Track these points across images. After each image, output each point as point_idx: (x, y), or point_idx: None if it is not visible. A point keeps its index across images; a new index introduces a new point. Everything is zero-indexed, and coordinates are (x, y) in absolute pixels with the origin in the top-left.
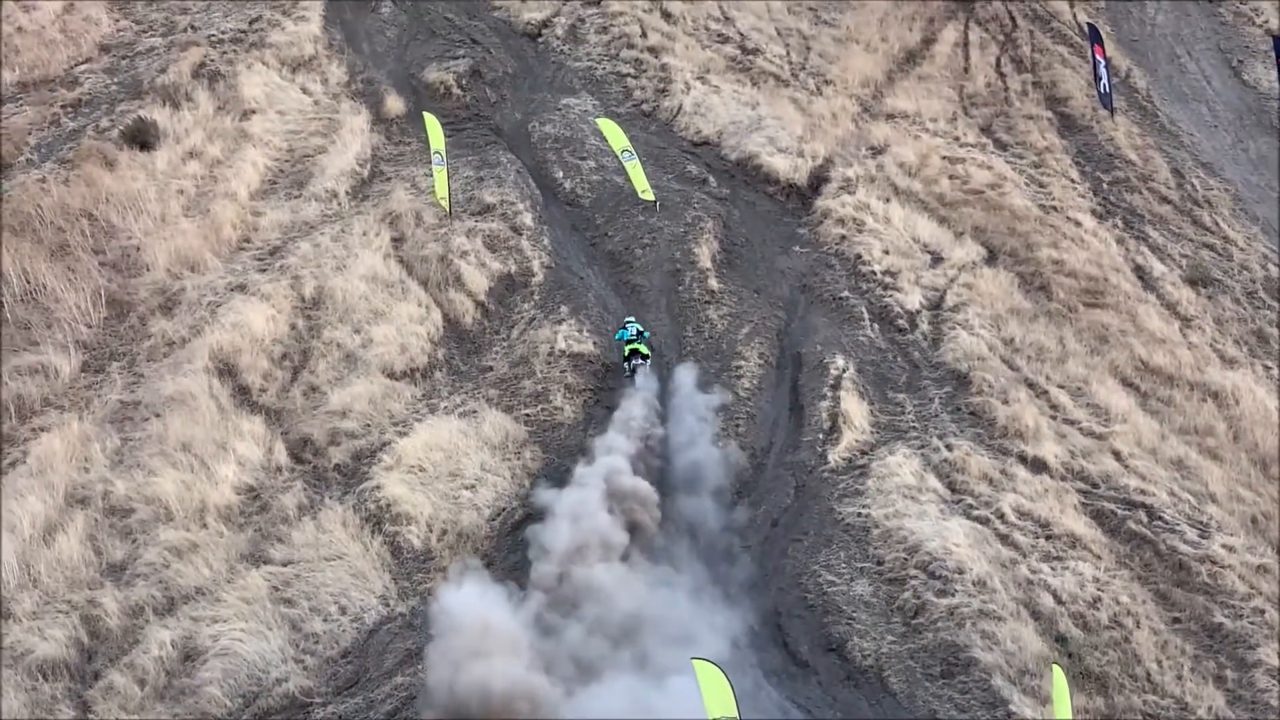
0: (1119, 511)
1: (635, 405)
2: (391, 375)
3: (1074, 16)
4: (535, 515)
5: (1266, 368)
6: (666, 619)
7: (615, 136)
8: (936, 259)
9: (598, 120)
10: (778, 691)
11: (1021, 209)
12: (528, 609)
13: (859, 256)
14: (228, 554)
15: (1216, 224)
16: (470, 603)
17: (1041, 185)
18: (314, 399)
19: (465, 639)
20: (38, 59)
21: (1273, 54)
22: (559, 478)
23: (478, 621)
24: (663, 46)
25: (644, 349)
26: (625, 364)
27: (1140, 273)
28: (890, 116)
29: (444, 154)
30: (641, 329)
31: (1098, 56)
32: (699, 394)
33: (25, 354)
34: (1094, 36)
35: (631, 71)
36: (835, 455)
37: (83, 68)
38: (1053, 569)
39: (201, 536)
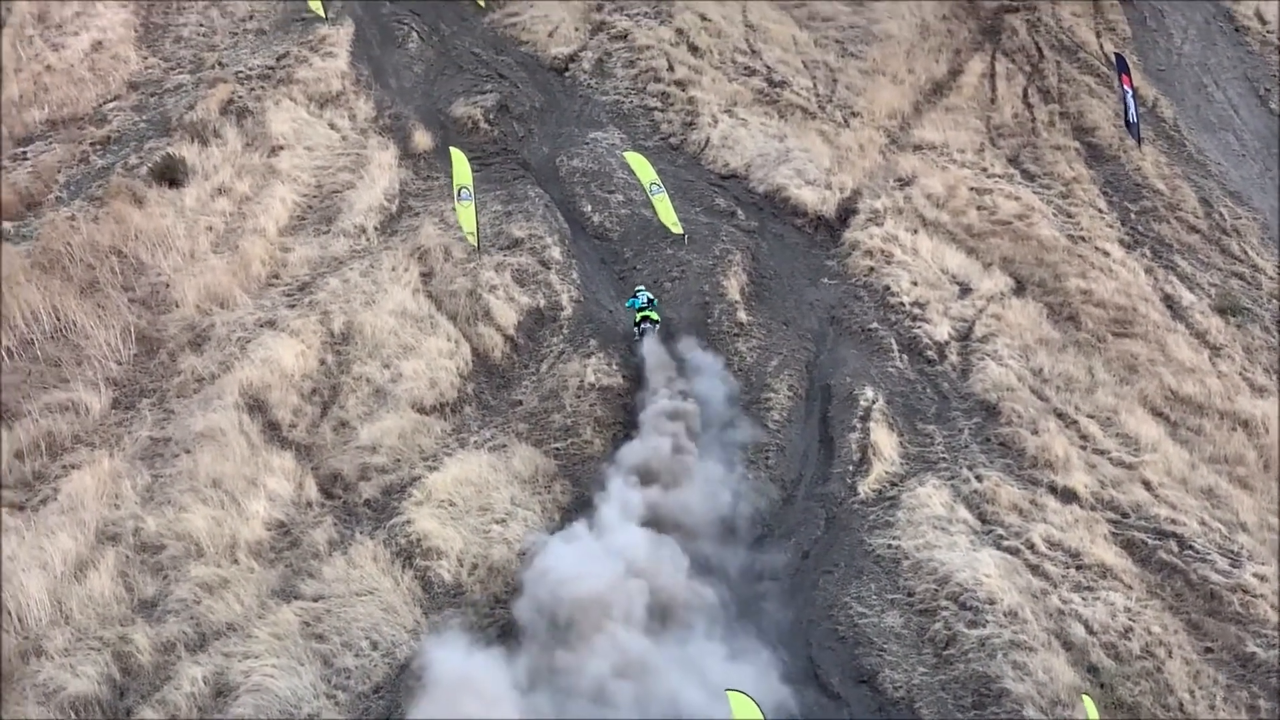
0: (1150, 541)
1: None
2: (421, 410)
3: (1100, 47)
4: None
5: None
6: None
7: (643, 170)
8: (965, 290)
9: (625, 154)
10: None
11: (1049, 239)
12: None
13: (887, 288)
14: (259, 589)
15: (1245, 252)
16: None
17: (1069, 215)
18: (344, 434)
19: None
20: (67, 97)
21: None
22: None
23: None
24: (690, 80)
25: (654, 315)
26: (636, 328)
27: (1169, 302)
28: (918, 148)
29: (471, 189)
30: (652, 297)
31: (1125, 86)
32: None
33: (56, 391)
34: (1121, 66)
35: (659, 105)
36: (865, 487)
37: (111, 105)
38: (1084, 599)
39: (232, 572)
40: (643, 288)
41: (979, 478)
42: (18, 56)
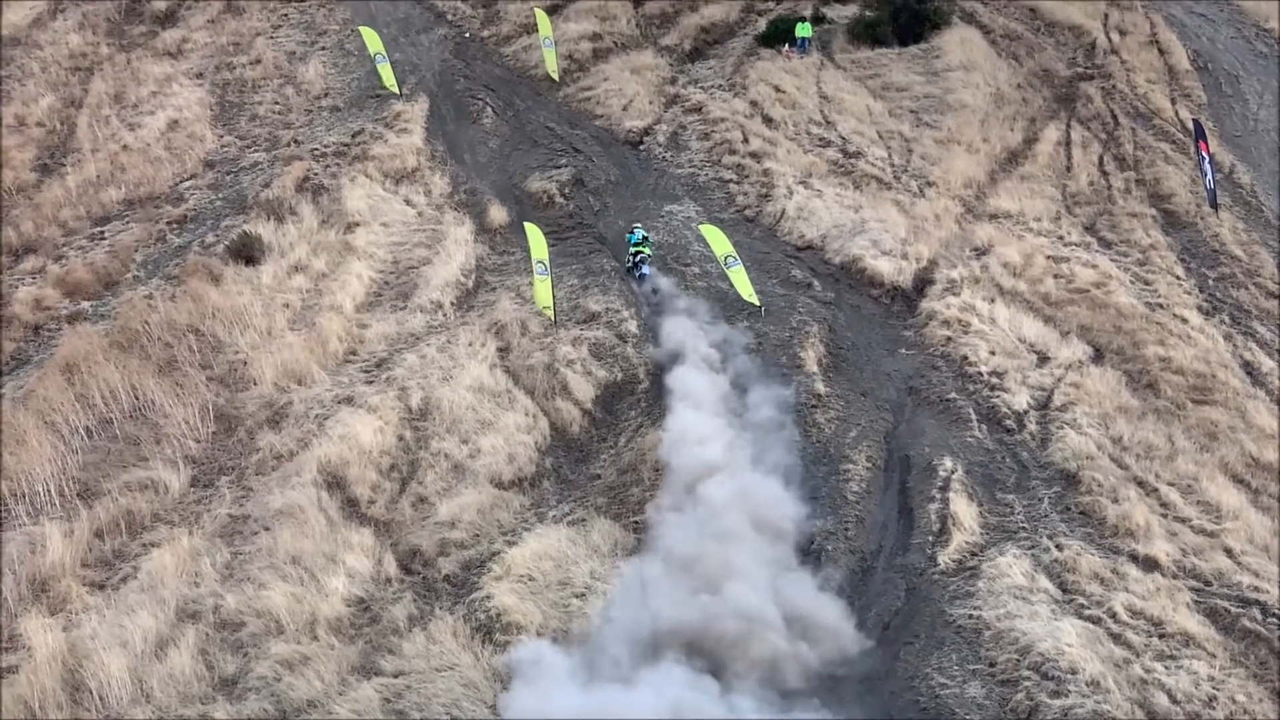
0: (1232, 609)
1: None
2: (499, 485)
3: (1176, 114)
4: None
5: None
6: None
7: (719, 242)
8: (1043, 359)
9: (701, 226)
10: None
11: (1127, 307)
12: None
13: (965, 358)
14: (339, 666)
15: None
16: None
17: (1147, 283)
18: (423, 510)
19: None
20: (143, 176)
21: None
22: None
23: None
24: (765, 151)
25: (647, 250)
26: (631, 259)
27: (1248, 369)
28: (994, 217)
29: (548, 263)
30: (646, 235)
31: (1201, 153)
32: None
33: (135, 469)
34: (1197, 133)
35: (734, 177)
36: (945, 557)
37: (188, 184)
38: (1166, 668)
39: (312, 649)
40: (639, 225)
41: (1059, 547)
42: (95, 136)
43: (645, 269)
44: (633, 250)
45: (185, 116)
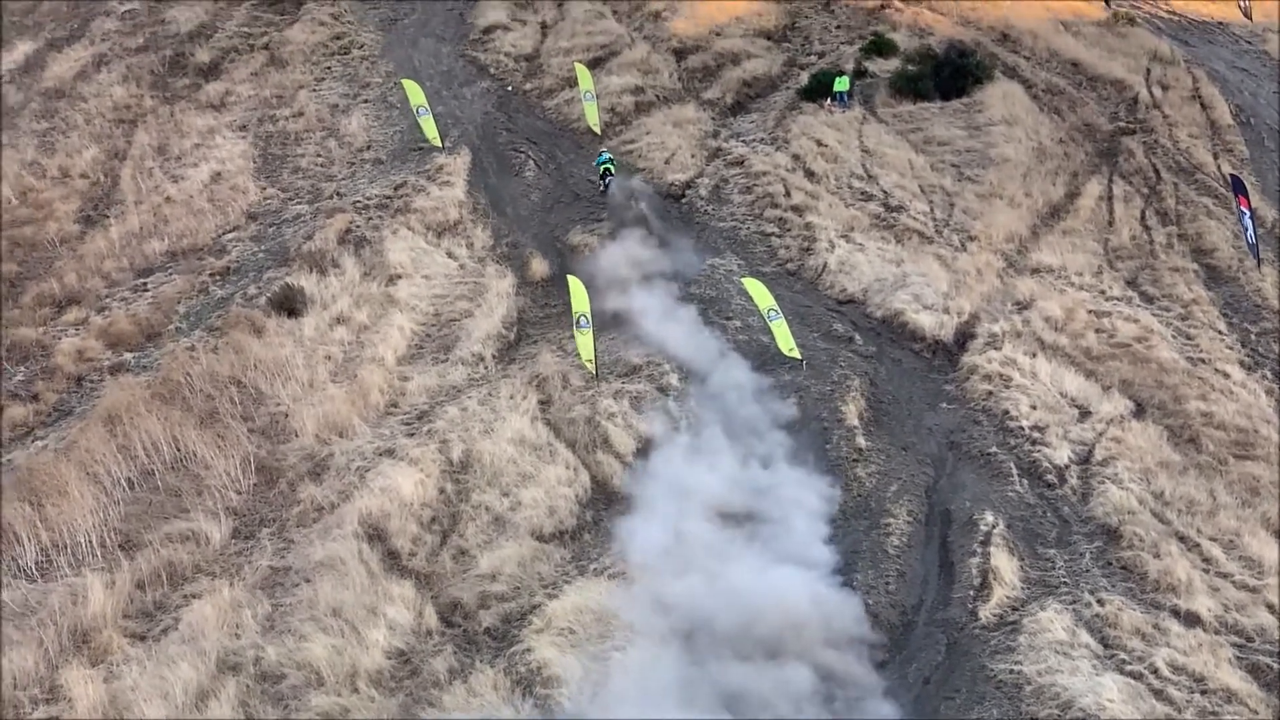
0: (1275, 665)
1: None
2: (540, 538)
3: (1218, 168)
4: None
5: None
6: None
7: (761, 296)
8: (1084, 413)
9: (743, 279)
10: None
11: (1169, 361)
12: None
13: (1006, 412)
14: (379, 718)
15: None
16: None
17: (1189, 337)
18: (463, 562)
19: None
20: (186, 228)
21: None
22: None
23: None
24: (807, 205)
25: (612, 168)
26: (600, 180)
27: None
28: (1035, 271)
29: (590, 316)
30: (611, 156)
31: (1242, 208)
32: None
33: (176, 521)
34: (1238, 187)
35: (776, 230)
36: (986, 612)
37: (230, 236)
38: None
39: (353, 701)
40: (604, 150)
41: (1101, 602)
42: (138, 188)
43: (610, 182)
44: (601, 170)
45: (228, 169)
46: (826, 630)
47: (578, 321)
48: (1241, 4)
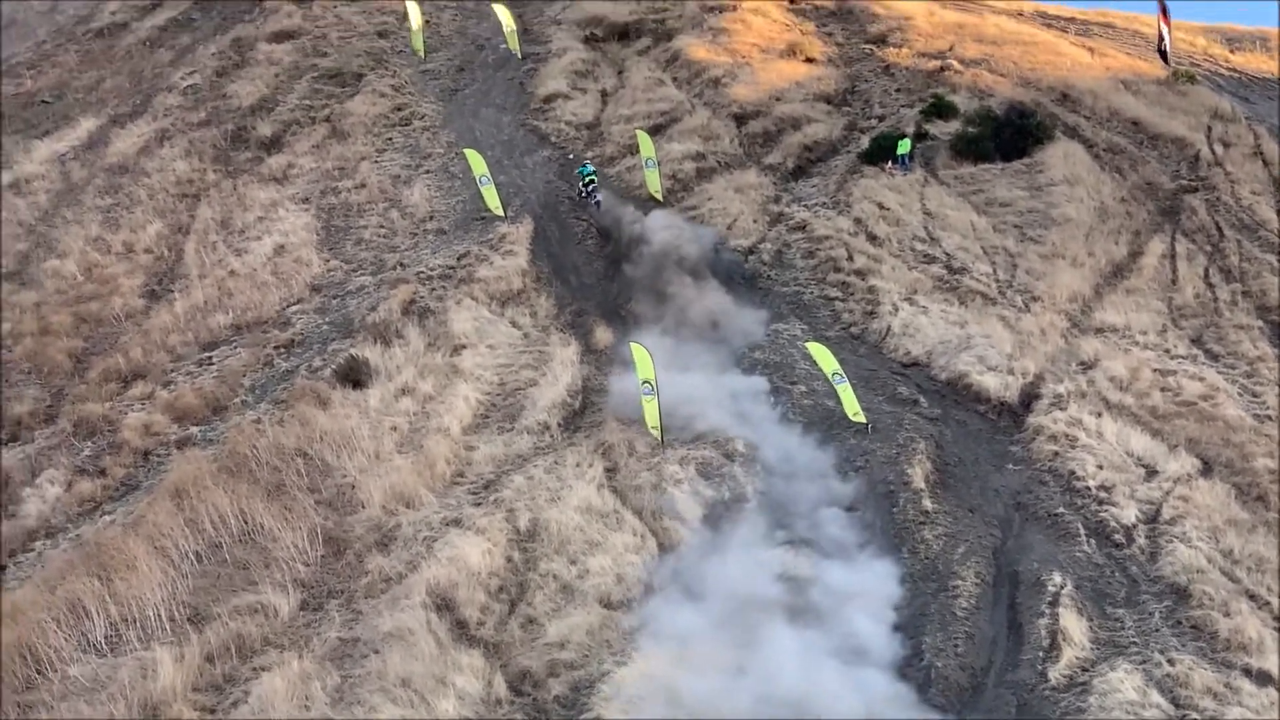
0: None
1: None
2: (608, 605)
3: None
4: None
5: None
6: None
7: (825, 360)
8: (1151, 472)
9: (807, 344)
10: None
11: (1235, 419)
12: None
13: (1073, 472)
14: None
15: None
16: None
17: (1255, 395)
18: (532, 631)
19: None
20: (250, 301)
21: None
22: None
23: None
24: (869, 269)
25: (594, 179)
26: (583, 188)
27: None
28: (1099, 331)
29: (654, 383)
30: (594, 169)
31: None
32: None
33: (245, 593)
34: None
35: (839, 294)
36: (1056, 673)
37: (295, 308)
38: None
39: None
40: (587, 162)
41: (1171, 661)
42: (202, 262)
43: (597, 195)
44: (584, 182)
45: (291, 241)
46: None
47: (642, 389)
48: None
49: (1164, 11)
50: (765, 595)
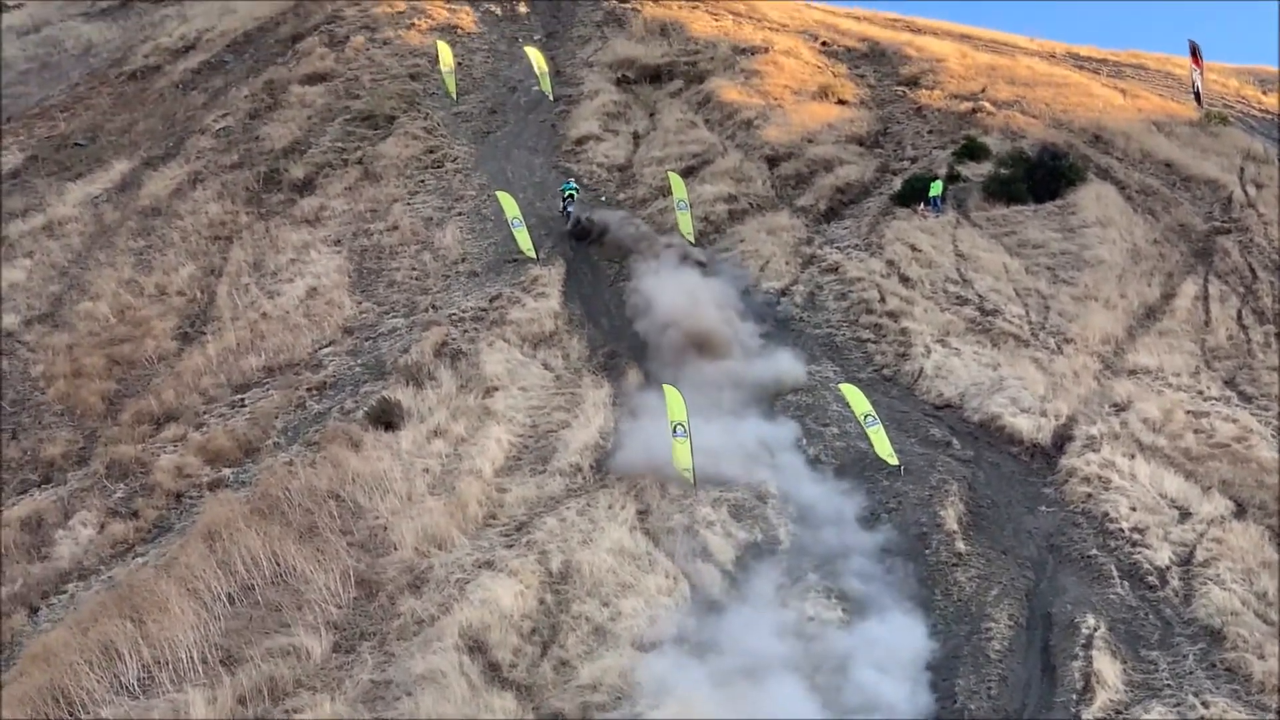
0: None
1: None
2: (641, 648)
3: None
4: None
5: None
6: None
7: (858, 402)
8: (1184, 514)
9: (839, 386)
10: None
11: (1269, 461)
12: None
13: (1106, 514)
14: None
15: None
16: None
17: None
18: (564, 673)
19: None
20: (283, 344)
21: None
22: None
23: None
24: (902, 311)
25: (575, 194)
26: (562, 203)
27: None
28: (1132, 373)
29: (687, 425)
30: (576, 187)
31: None
32: None
33: (277, 635)
34: None
35: (871, 336)
36: (1090, 715)
37: (327, 350)
38: None
39: None
40: (570, 181)
41: (1205, 704)
42: (234, 304)
43: (571, 207)
44: (565, 197)
45: (323, 283)
46: None
47: (675, 430)
48: None
49: (1195, 54)
50: (796, 640)
